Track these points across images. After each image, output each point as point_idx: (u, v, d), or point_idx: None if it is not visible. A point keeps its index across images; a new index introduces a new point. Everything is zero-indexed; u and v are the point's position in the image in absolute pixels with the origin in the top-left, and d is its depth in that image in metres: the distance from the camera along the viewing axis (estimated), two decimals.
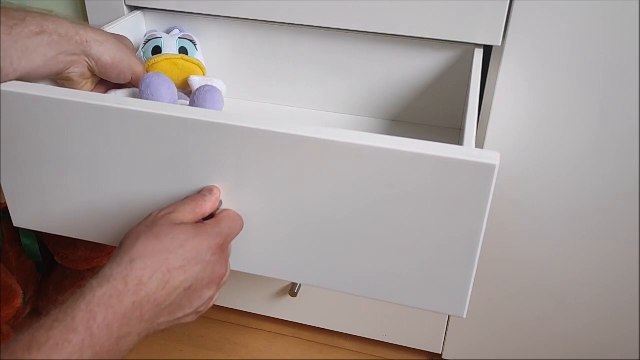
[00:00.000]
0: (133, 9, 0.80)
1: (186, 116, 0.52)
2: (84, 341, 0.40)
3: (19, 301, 0.89)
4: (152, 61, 0.73)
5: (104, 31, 0.62)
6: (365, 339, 1.02)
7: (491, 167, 0.48)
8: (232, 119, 0.52)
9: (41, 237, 0.97)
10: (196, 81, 0.73)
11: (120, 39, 0.65)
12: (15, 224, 0.66)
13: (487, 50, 0.70)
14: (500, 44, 0.68)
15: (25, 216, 0.65)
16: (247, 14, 0.74)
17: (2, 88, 0.56)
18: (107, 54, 0.60)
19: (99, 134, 0.56)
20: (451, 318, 0.93)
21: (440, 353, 0.98)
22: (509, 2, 0.65)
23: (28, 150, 0.60)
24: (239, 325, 1.07)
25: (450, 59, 0.74)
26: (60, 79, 0.61)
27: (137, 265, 0.44)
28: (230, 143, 0.52)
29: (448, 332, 0.95)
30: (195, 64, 0.76)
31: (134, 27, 0.80)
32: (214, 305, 1.07)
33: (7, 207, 0.90)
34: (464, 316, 0.58)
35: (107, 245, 0.96)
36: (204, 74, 0.77)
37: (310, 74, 0.81)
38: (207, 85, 0.67)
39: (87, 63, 0.60)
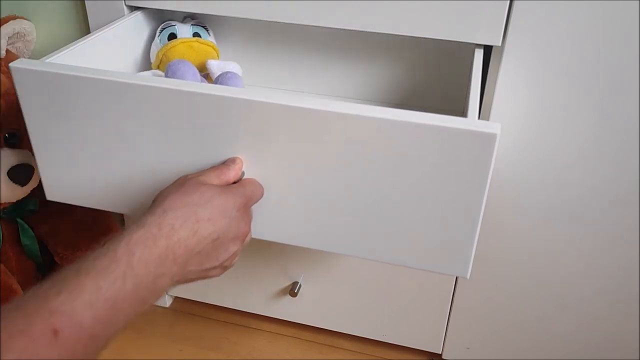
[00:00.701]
0: (133, 9, 0.80)
1: (209, 92, 0.56)
2: (126, 272, 0.43)
3: None
4: (170, 45, 0.77)
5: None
6: (365, 339, 1.02)
7: (492, 136, 0.52)
8: (252, 94, 0.56)
9: (41, 237, 0.97)
10: (214, 65, 0.76)
11: None
12: (48, 198, 0.69)
13: (487, 50, 0.70)
14: (500, 44, 0.68)
15: (58, 190, 0.69)
16: (248, 14, 0.74)
17: (33, 67, 0.60)
18: None
19: (129, 110, 0.60)
20: (451, 318, 0.93)
21: (440, 353, 0.98)
22: (509, 2, 0.65)
23: (62, 127, 0.63)
24: (239, 325, 1.07)
25: (450, 59, 0.74)
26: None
27: (169, 215, 0.48)
28: (251, 117, 0.56)
29: (448, 332, 0.95)
30: (209, 46, 0.80)
31: (134, 27, 0.80)
32: (214, 305, 1.07)
33: (6, 207, 0.90)
34: (467, 276, 0.61)
35: None
36: (218, 56, 0.81)
37: (318, 63, 0.83)
38: (228, 72, 0.72)
39: None
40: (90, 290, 0.41)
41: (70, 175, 0.67)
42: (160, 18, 0.84)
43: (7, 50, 0.88)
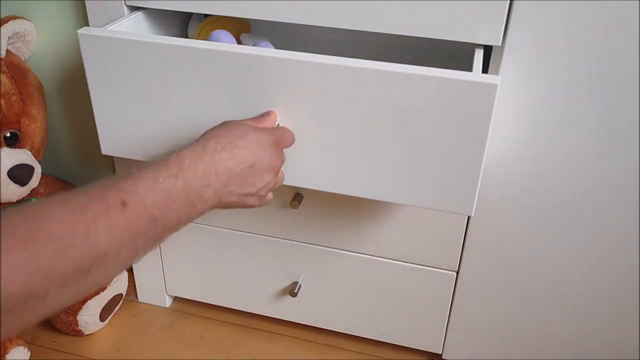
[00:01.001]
0: (133, 9, 0.80)
1: (248, 52, 0.65)
2: (177, 173, 0.52)
3: None
4: (207, 21, 0.84)
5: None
6: (365, 339, 1.02)
7: (493, 86, 0.59)
8: (284, 53, 0.64)
9: None
10: (247, 38, 0.83)
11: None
12: (103, 152, 0.78)
13: (487, 50, 0.70)
14: (500, 44, 0.68)
15: (113, 145, 0.78)
16: (248, 14, 0.74)
17: (97, 34, 0.69)
18: None
19: (179, 70, 0.68)
20: (451, 318, 0.93)
21: (440, 353, 0.98)
22: (508, 2, 0.65)
23: (119, 87, 0.72)
24: (239, 325, 1.07)
25: (450, 58, 0.74)
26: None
27: (210, 141, 0.56)
28: (283, 73, 0.64)
29: (448, 332, 0.95)
30: (243, 22, 0.86)
31: (134, 27, 0.80)
32: (214, 305, 1.07)
33: (6, 207, 0.90)
34: (472, 214, 0.68)
35: None
36: (249, 31, 0.88)
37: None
38: (262, 42, 0.79)
39: None
40: (150, 180, 0.50)
41: (125, 131, 0.75)
42: (161, 18, 0.84)
43: (7, 50, 0.88)
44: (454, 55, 0.79)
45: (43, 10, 0.89)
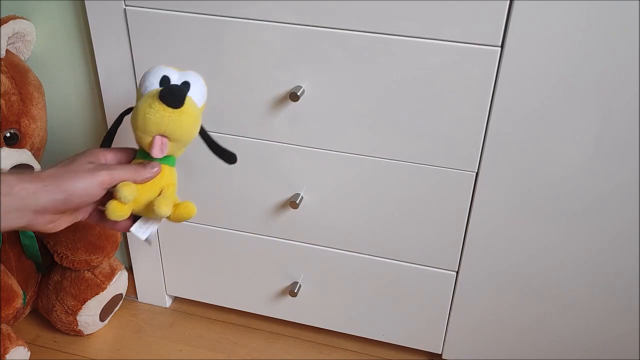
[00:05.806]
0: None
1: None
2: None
3: (19, 301, 0.89)
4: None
5: (56, 169, 0.61)
6: (365, 339, 1.02)
7: (495, 51, 0.69)
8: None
9: (41, 237, 0.97)
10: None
11: (73, 164, 0.63)
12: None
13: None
14: (500, 44, 0.68)
15: None
16: (247, 14, 0.74)
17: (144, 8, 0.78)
18: (49, 199, 0.59)
19: (207, 41, 0.78)
20: (451, 318, 0.93)
21: (440, 353, 0.98)
22: (508, 2, 0.65)
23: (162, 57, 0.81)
24: (239, 325, 1.07)
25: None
26: (30, 230, 0.61)
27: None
28: (313, 43, 0.74)
29: (448, 332, 0.95)
30: None
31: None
32: (214, 305, 1.07)
33: None
34: (475, 170, 0.76)
35: (105, 248, 0.96)
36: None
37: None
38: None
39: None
40: None
41: None
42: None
43: (7, 50, 0.88)
44: None
45: (43, 10, 0.89)
